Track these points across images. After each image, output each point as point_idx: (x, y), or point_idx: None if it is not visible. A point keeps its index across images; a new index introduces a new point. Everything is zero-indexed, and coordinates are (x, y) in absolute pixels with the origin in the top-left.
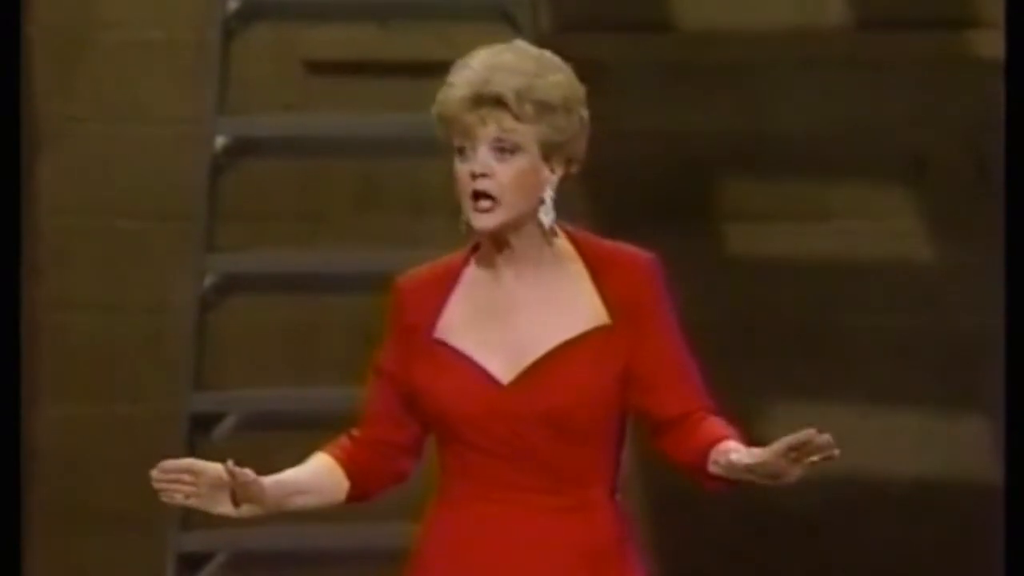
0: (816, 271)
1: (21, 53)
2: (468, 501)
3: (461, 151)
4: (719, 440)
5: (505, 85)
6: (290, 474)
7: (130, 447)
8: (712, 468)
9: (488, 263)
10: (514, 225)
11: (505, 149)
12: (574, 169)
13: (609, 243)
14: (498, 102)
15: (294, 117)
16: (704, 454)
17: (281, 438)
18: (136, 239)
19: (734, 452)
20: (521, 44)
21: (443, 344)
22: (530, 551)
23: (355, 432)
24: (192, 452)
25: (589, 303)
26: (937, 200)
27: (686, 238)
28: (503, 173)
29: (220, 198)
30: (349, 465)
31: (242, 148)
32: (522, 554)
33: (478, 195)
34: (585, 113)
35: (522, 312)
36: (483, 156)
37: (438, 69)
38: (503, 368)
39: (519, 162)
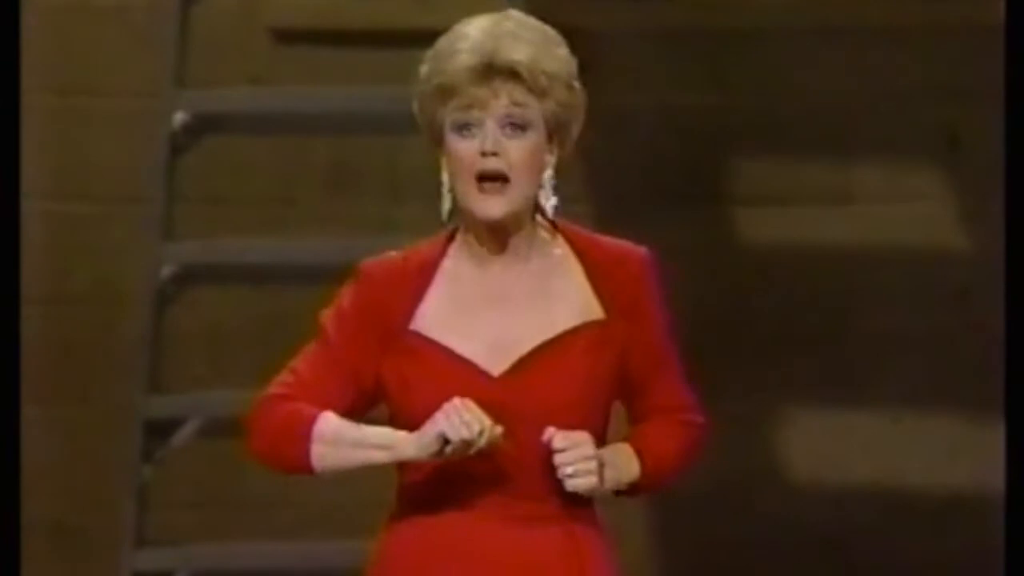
0: (837, 260)
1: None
2: (436, 510)
3: (463, 128)
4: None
5: (518, 54)
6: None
7: (77, 454)
8: None
9: (472, 254)
10: (519, 212)
11: (516, 125)
12: (566, 152)
13: (600, 236)
14: (511, 73)
15: (260, 91)
16: None
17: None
18: (86, 225)
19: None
20: (516, 13)
21: (422, 338)
22: (507, 566)
23: (289, 391)
24: (147, 461)
25: (582, 297)
26: (971, 181)
27: (692, 225)
28: (515, 151)
29: (179, 180)
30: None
31: (203, 125)
32: (498, 570)
33: (484, 177)
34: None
35: (511, 305)
36: (492, 132)
37: (418, 38)
38: (492, 361)
39: (529, 140)
